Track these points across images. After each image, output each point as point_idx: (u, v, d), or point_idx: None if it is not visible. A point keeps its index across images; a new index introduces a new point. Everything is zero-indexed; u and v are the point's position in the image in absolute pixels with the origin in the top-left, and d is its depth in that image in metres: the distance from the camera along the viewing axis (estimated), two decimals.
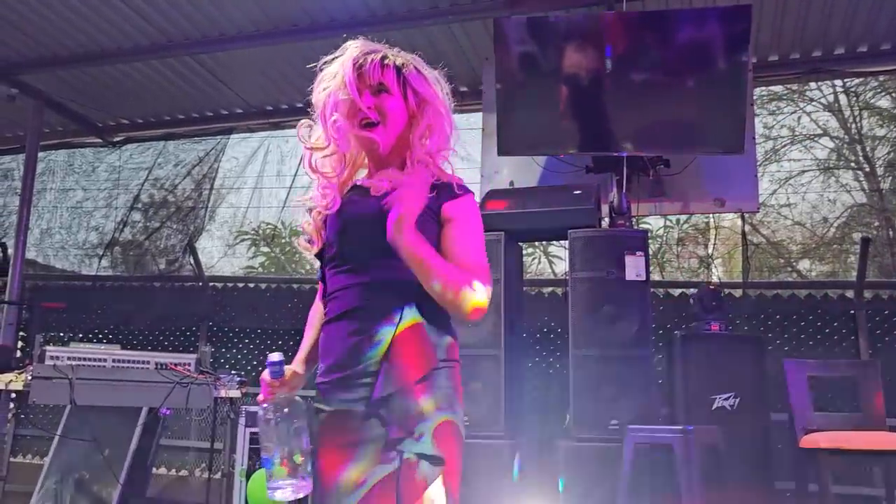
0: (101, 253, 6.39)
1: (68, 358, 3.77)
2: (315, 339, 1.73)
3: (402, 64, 1.67)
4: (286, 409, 1.59)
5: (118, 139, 6.56)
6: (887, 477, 3.67)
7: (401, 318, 1.54)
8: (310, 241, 1.72)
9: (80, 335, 5.69)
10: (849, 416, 3.55)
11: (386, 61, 1.66)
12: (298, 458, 1.56)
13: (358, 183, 1.73)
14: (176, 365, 3.92)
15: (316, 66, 1.72)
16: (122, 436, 4.42)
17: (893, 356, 4.56)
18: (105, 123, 6.48)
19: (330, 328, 1.62)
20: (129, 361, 3.90)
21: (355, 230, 1.62)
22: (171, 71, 5.56)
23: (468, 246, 1.60)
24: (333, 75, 1.67)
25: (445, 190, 1.63)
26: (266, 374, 1.64)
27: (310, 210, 1.72)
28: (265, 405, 1.61)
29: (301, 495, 1.59)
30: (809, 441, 3.25)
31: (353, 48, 1.68)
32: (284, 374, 1.64)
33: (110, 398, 3.72)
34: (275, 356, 1.64)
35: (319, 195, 1.70)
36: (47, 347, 3.82)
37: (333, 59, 1.69)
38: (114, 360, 3.88)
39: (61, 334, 4.49)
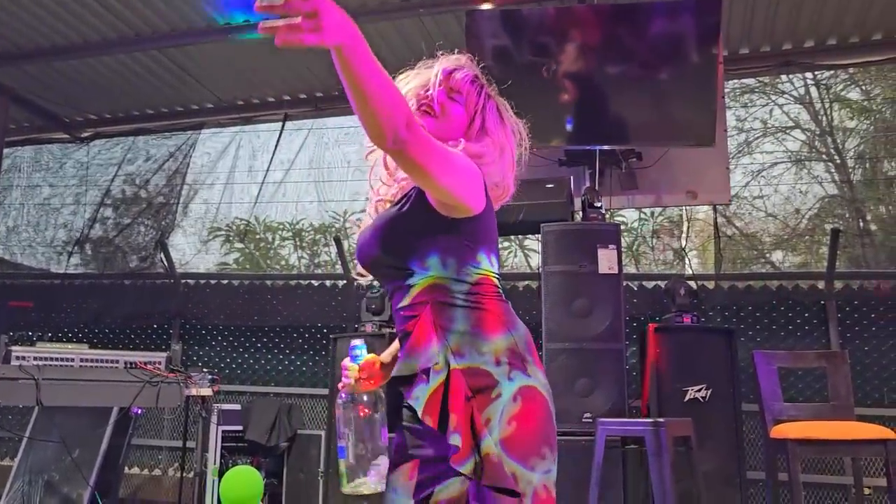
0: (70, 250, 6.29)
1: (35, 358, 3.72)
2: None
3: (490, 94, 1.66)
4: (365, 398, 1.55)
5: (86, 135, 6.45)
6: (856, 466, 3.72)
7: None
8: None
9: (49, 334, 5.59)
10: (818, 406, 3.58)
11: (476, 81, 1.64)
12: (370, 453, 1.52)
13: None
14: (146, 364, 3.87)
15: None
16: (92, 436, 4.35)
17: (862, 346, 4.63)
18: (72, 119, 6.37)
19: None
20: (97, 361, 3.85)
21: (368, 266, 1.60)
22: (139, 65, 5.47)
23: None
24: (422, 72, 1.65)
25: None
26: (347, 360, 1.61)
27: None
28: (343, 393, 1.57)
29: (370, 490, 1.53)
30: (779, 431, 3.27)
31: (459, 59, 1.67)
32: (364, 358, 1.61)
33: (78, 398, 3.67)
34: (356, 341, 1.62)
35: (371, 212, 1.67)
36: (13, 348, 3.76)
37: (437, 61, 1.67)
38: (81, 360, 3.82)
39: (30, 333, 4.41)
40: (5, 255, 6.46)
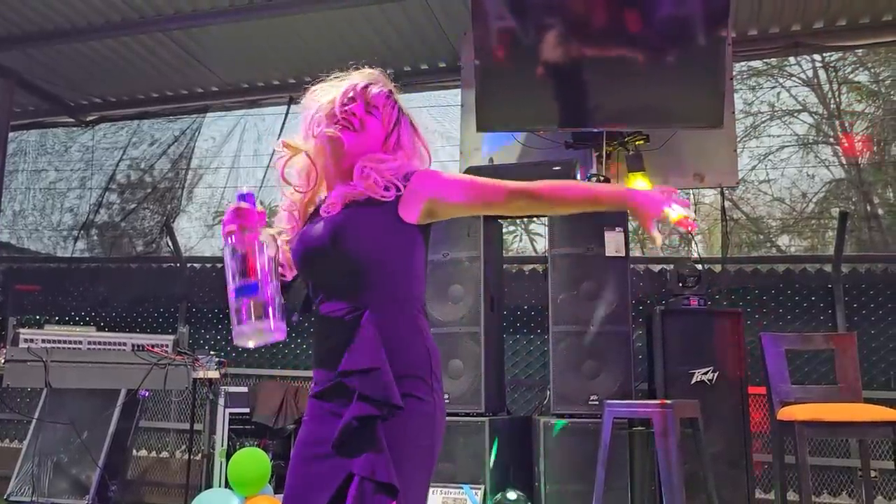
0: (76, 234, 6.30)
1: (43, 340, 3.73)
2: None
3: (402, 110, 1.72)
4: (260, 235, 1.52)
5: (91, 118, 6.44)
6: (863, 448, 3.72)
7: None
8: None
9: (57, 318, 5.62)
10: (825, 389, 3.57)
11: (391, 97, 1.71)
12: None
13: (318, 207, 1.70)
14: (153, 346, 3.88)
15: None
16: (100, 418, 4.38)
17: (870, 329, 4.62)
18: (77, 102, 6.35)
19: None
20: (105, 343, 3.86)
21: (314, 262, 1.62)
22: (143, 48, 5.44)
23: (467, 193, 1.62)
24: (337, 86, 1.70)
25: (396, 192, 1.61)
26: (245, 203, 1.59)
27: (279, 234, 1.70)
28: (230, 234, 1.54)
29: (267, 341, 1.50)
30: (786, 413, 3.27)
31: (373, 73, 1.73)
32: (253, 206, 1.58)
33: (86, 380, 3.69)
34: (246, 189, 1.58)
35: (286, 217, 1.72)
36: (21, 330, 3.77)
37: (347, 76, 1.73)
38: (89, 343, 3.83)
39: (37, 317, 4.42)
40: (12, 240, 6.47)
